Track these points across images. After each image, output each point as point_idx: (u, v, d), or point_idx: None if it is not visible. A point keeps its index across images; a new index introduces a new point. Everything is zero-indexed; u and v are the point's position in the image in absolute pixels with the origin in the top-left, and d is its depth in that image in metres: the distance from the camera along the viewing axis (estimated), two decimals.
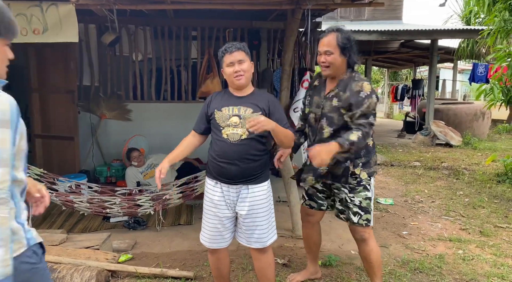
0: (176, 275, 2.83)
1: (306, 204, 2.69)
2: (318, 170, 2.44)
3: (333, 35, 2.29)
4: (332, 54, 2.30)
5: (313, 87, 2.58)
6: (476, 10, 7.57)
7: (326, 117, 2.39)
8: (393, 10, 13.20)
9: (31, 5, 3.04)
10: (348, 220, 2.50)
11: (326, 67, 2.34)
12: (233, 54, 2.16)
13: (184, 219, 4.11)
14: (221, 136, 2.20)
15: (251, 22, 5.40)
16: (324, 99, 2.42)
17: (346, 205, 2.47)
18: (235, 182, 2.22)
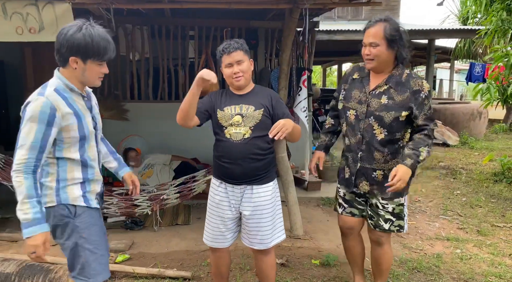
0: (173, 275, 2.82)
1: (347, 212, 2.44)
2: (373, 175, 2.26)
3: (381, 25, 2.09)
4: (378, 46, 2.10)
5: (350, 80, 2.35)
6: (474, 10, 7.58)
7: (374, 116, 2.19)
8: (390, 10, 13.23)
9: (27, 4, 3.01)
10: (377, 227, 2.33)
11: (371, 60, 2.15)
12: (231, 55, 2.12)
13: (182, 219, 4.10)
14: (224, 136, 2.17)
15: (248, 21, 5.39)
16: (369, 95, 2.22)
17: (377, 211, 2.31)
18: (239, 182, 2.19)
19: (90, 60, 1.65)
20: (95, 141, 1.82)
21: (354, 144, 2.28)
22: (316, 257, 3.23)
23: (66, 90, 1.69)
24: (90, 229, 1.74)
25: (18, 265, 2.55)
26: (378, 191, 2.27)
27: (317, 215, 4.39)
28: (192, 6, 3.50)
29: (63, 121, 1.64)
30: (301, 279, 2.88)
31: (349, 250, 2.58)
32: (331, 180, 5.67)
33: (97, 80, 1.74)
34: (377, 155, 2.22)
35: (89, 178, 1.78)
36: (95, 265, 1.74)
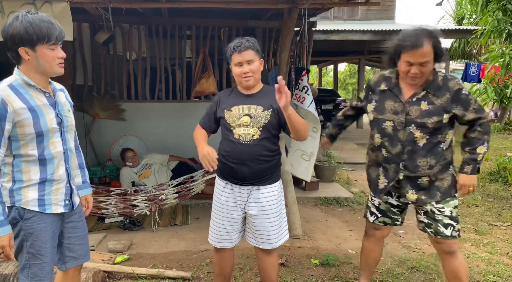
0: (173, 276, 2.81)
1: (380, 221, 2.41)
2: (418, 182, 2.19)
3: (429, 42, 2.00)
4: (429, 63, 2.03)
5: (379, 91, 2.29)
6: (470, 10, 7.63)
7: (415, 123, 2.13)
8: (386, 10, 13.29)
9: (25, 3, 2.98)
10: (437, 234, 2.20)
11: (419, 78, 2.08)
12: (242, 54, 2.08)
13: (180, 219, 4.09)
14: (233, 137, 2.14)
15: (246, 21, 5.38)
16: (407, 104, 2.16)
17: (434, 217, 2.20)
18: (246, 183, 2.18)
19: (38, 46, 1.60)
20: (61, 138, 1.76)
21: (395, 154, 2.21)
22: (315, 257, 3.24)
23: (22, 86, 1.65)
24: (37, 234, 1.68)
25: (16, 266, 2.52)
26: (426, 197, 2.19)
27: (315, 215, 4.39)
28: (190, 5, 3.49)
29: (16, 116, 1.60)
30: (301, 279, 2.88)
31: (367, 252, 2.55)
32: (329, 180, 5.69)
33: (57, 67, 1.67)
34: (421, 162, 2.17)
35: (48, 178, 1.71)
36: (35, 270, 1.71)
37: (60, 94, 1.82)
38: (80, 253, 1.90)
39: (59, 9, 3.06)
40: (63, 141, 1.77)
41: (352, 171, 6.82)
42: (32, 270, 1.70)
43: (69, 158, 1.81)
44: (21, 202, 1.67)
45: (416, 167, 2.18)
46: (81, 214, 1.93)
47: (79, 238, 1.89)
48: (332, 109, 13.25)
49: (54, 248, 1.77)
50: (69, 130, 1.82)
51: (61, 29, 1.67)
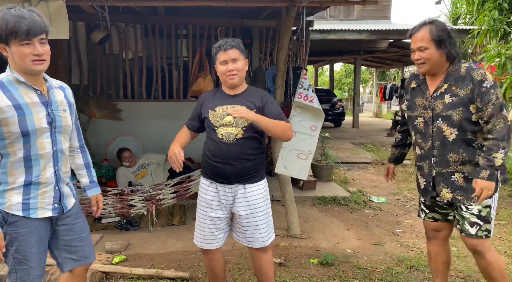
0: (171, 276, 2.79)
1: (429, 218, 2.37)
2: (452, 179, 2.16)
3: (426, 28, 2.09)
4: (427, 49, 2.09)
5: (410, 90, 2.34)
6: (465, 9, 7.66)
7: (442, 117, 2.14)
8: (382, 10, 13.33)
9: (20, 1, 2.95)
10: (462, 231, 2.19)
11: (422, 64, 2.14)
12: (227, 52, 2.11)
13: (178, 219, 4.06)
14: (216, 136, 2.16)
15: (243, 20, 5.36)
16: (432, 99, 2.18)
17: (461, 213, 2.18)
18: (230, 181, 2.19)
19: (12, 43, 1.52)
20: (51, 139, 1.67)
21: (427, 150, 2.23)
22: (314, 256, 3.22)
23: (12, 83, 1.59)
24: (21, 239, 1.63)
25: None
26: (462, 197, 2.16)
27: (313, 214, 4.38)
28: (188, 4, 3.48)
29: (0, 114, 1.54)
30: (299, 279, 2.87)
31: (433, 257, 2.46)
32: (326, 179, 5.69)
33: (31, 64, 1.56)
34: (451, 157, 2.15)
35: (33, 181, 1.63)
36: (22, 275, 1.65)
37: (57, 93, 1.74)
38: (81, 254, 1.82)
39: (55, 7, 3.03)
40: (53, 142, 1.68)
41: (349, 170, 6.82)
42: (19, 275, 1.65)
43: (58, 160, 1.72)
44: (4, 206, 1.61)
45: (447, 161, 2.16)
46: (77, 216, 1.84)
47: (77, 240, 1.81)
48: (328, 109, 13.29)
49: (41, 252, 1.70)
50: (62, 131, 1.73)
51: (38, 23, 1.54)
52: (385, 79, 20.86)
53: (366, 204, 4.79)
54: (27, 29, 1.50)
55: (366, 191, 5.39)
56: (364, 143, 10.05)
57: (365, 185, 5.82)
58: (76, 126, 1.92)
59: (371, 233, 3.86)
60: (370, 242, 3.60)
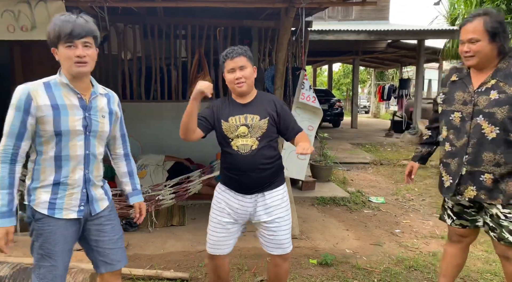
0: (171, 277, 2.79)
1: (456, 224, 2.28)
2: (481, 178, 2.08)
3: (480, 20, 1.98)
4: (479, 41, 1.99)
5: (449, 83, 2.23)
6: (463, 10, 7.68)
7: (484, 114, 2.03)
8: (380, 11, 13.35)
9: (19, 1, 2.94)
10: (501, 239, 2.09)
11: (471, 57, 2.04)
12: (234, 60, 2.08)
13: (177, 220, 4.06)
14: (231, 149, 2.12)
15: (242, 21, 5.36)
16: (475, 94, 2.08)
17: (498, 222, 2.09)
18: (250, 191, 2.16)
19: (59, 46, 1.61)
20: (84, 141, 1.71)
21: (459, 147, 2.14)
22: (313, 257, 3.23)
23: (57, 85, 1.66)
24: (45, 236, 1.66)
25: (12, 268, 2.48)
26: (486, 196, 2.08)
27: (312, 215, 4.39)
28: (187, 4, 3.48)
29: (38, 111, 1.60)
30: (299, 279, 2.87)
31: (448, 258, 2.41)
32: (325, 180, 5.70)
33: (74, 67, 1.62)
34: (486, 156, 2.06)
35: (61, 181, 1.67)
36: (44, 272, 1.68)
37: (100, 99, 1.78)
38: (112, 258, 1.82)
39: (54, 8, 3.03)
40: (85, 145, 1.71)
41: (347, 170, 6.84)
42: (41, 271, 1.68)
43: (90, 163, 1.74)
44: (34, 203, 1.67)
45: (481, 160, 2.07)
46: (109, 218, 1.84)
47: (109, 242, 1.81)
48: (327, 109, 13.31)
49: (65, 252, 1.72)
50: (98, 136, 1.75)
51: (82, 26, 1.61)
52: (384, 80, 20.90)
53: (365, 204, 4.81)
54: (70, 31, 1.57)
55: (365, 191, 5.40)
56: (362, 143, 10.07)
57: (364, 185, 5.84)
58: (121, 134, 1.97)
59: (370, 233, 3.87)
60: (369, 242, 3.61)
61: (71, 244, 1.75)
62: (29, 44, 4.60)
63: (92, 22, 1.67)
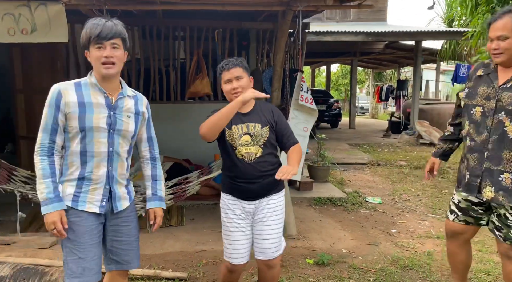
0: (169, 276, 2.83)
1: (460, 220, 2.29)
2: (500, 178, 2.07)
3: (510, 17, 1.96)
4: (508, 39, 1.98)
5: (475, 78, 2.23)
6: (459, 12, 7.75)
7: (506, 111, 2.02)
8: (378, 12, 13.42)
9: (20, 5, 2.99)
10: (507, 240, 2.10)
11: (499, 54, 2.03)
12: (230, 71, 2.14)
13: (175, 220, 4.10)
14: (235, 157, 2.16)
15: (240, 22, 5.41)
16: (500, 89, 2.07)
17: (506, 222, 2.09)
18: (255, 198, 2.20)
19: (90, 48, 1.71)
20: (108, 139, 1.77)
21: (480, 143, 2.13)
22: (310, 256, 3.27)
23: (87, 85, 1.76)
24: (72, 228, 1.72)
25: (12, 268, 2.52)
26: (505, 198, 2.06)
27: (309, 215, 4.44)
28: (186, 7, 3.51)
29: (66, 108, 1.70)
30: (296, 278, 2.92)
31: (451, 255, 2.44)
32: (323, 180, 5.74)
33: (101, 67, 1.71)
34: (507, 155, 2.05)
35: (85, 176, 1.75)
36: (72, 265, 1.72)
37: (127, 100, 1.83)
38: (124, 258, 1.87)
39: (54, 11, 3.07)
40: (109, 142, 1.77)
41: (345, 171, 6.88)
42: (69, 266, 1.73)
43: (113, 160, 1.80)
44: (60, 194, 1.74)
45: (501, 159, 2.06)
46: (127, 219, 1.87)
47: (123, 243, 1.86)
48: (325, 110, 13.37)
49: (93, 245, 1.76)
50: (122, 134, 1.80)
51: (110, 28, 1.68)
52: (382, 80, 20.98)
53: (362, 205, 4.85)
54: (99, 33, 1.66)
55: (362, 192, 5.44)
56: (360, 143, 10.12)
57: (361, 186, 5.88)
58: (148, 137, 1.99)
59: (366, 233, 3.91)
60: (366, 242, 3.66)
61: (97, 238, 1.79)
62: (29, 46, 4.61)
63: (121, 25, 1.73)
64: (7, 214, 3.95)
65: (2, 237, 3.24)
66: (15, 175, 3.56)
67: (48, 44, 3.36)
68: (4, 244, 3.15)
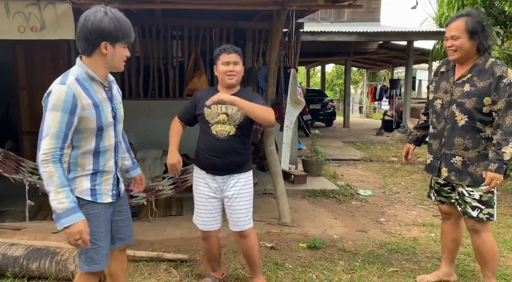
0: (172, 258, 3.02)
1: (437, 201, 2.65)
2: (452, 160, 2.41)
3: (462, 20, 2.27)
4: (459, 38, 2.27)
5: (440, 73, 2.55)
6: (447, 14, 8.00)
7: (457, 103, 2.35)
8: (371, 13, 13.66)
9: (29, 4, 3.16)
10: (465, 213, 2.42)
11: (454, 51, 2.32)
12: (230, 55, 2.37)
13: (175, 210, 4.29)
14: (211, 132, 2.41)
15: (236, 22, 5.60)
16: (454, 85, 2.39)
17: (463, 199, 2.41)
18: (222, 172, 2.45)
19: (118, 44, 1.68)
20: (114, 131, 1.82)
21: (439, 130, 2.47)
22: (303, 241, 3.48)
23: (86, 80, 1.69)
24: (91, 220, 1.74)
25: (25, 249, 2.71)
26: (456, 177, 2.41)
27: (303, 206, 4.64)
28: (185, 7, 3.70)
29: (82, 111, 1.65)
30: (289, 260, 3.12)
31: (443, 233, 2.74)
32: (316, 174, 5.95)
33: (122, 64, 1.76)
34: (457, 140, 2.37)
35: (100, 169, 1.77)
36: (92, 254, 1.77)
37: (113, 87, 1.87)
38: (126, 234, 2.00)
39: (62, 10, 3.25)
40: (115, 134, 1.83)
41: (338, 166, 7.10)
42: (89, 255, 1.77)
43: (118, 150, 1.88)
44: (76, 191, 1.72)
45: (452, 144, 2.40)
46: (124, 198, 2.00)
47: (125, 220, 1.98)
48: (320, 109, 13.58)
49: (107, 233, 1.84)
50: (121, 122, 1.88)
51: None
52: (376, 80, 21.25)
53: (353, 197, 5.07)
54: (133, 37, 1.73)
55: (354, 185, 5.66)
56: (354, 141, 10.35)
57: (353, 180, 6.10)
58: None
59: (356, 221, 4.13)
60: (355, 229, 3.87)
61: (109, 225, 1.88)
62: (32, 44, 4.79)
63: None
64: (13, 205, 4.12)
65: (13, 223, 3.41)
66: (23, 166, 3.74)
67: (50, 42, 3.54)
68: (15, 229, 3.32)
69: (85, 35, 1.65)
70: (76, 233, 1.60)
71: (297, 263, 3.05)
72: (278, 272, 2.89)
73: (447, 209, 2.63)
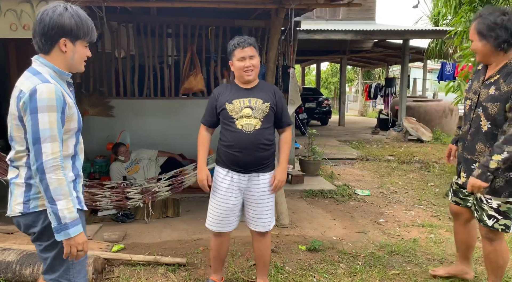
0: (169, 262, 2.96)
1: (452, 201, 2.58)
2: (472, 167, 2.29)
3: (474, 22, 2.22)
4: (473, 41, 2.22)
5: (476, 71, 2.44)
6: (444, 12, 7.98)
7: (482, 107, 2.21)
8: (367, 11, 13.62)
9: (22, 1, 3.07)
10: (480, 221, 2.32)
11: (475, 54, 2.28)
12: (245, 50, 2.27)
13: (172, 211, 4.23)
14: (236, 127, 2.30)
15: (233, 20, 5.53)
16: (482, 85, 2.25)
17: (481, 205, 2.30)
18: (247, 170, 2.36)
19: (79, 41, 1.57)
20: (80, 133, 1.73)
21: (464, 133, 2.36)
22: (302, 243, 3.43)
23: (56, 78, 1.56)
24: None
25: (18, 254, 2.63)
26: None
27: (301, 206, 4.60)
28: (182, 5, 3.63)
29: (69, 110, 1.54)
30: (289, 263, 3.07)
31: (455, 233, 2.70)
32: (313, 174, 5.91)
33: (82, 65, 1.65)
34: (479, 146, 2.24)
35: (79, 174, 1.66)
36: (80, 268, 1.67)
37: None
38: None
39: None
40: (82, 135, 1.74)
41: (335, 166, 7.06)
42: (77, 268, 1.65)
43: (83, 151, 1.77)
44: None
45: (474, 150, 2.28)
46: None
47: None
48: (315, 107, 13.55)
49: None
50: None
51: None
52: (370, 79, 21.27)
53: (351, 197, 5.03)
54: (95, 36, 1.62)
55: (351, 185, 5.63)
56: (349, 140, 10.33)
57: (351, 179, 6.07)
58: None
59: (355, 222, 4.09)
60: (355, 231, 3.83)
61: None
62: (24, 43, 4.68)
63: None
64: (5, 207, 4.02)
65: (5, 226, 3.32)
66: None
67: None
68: (8, 233, 3.24)
69: (43, 31, 1.52)
70: (81, 243, 1.53)
71: (297, 266, 3.01)
72: (278, 275, 2.85)
73: (457, 210, 2.58)
